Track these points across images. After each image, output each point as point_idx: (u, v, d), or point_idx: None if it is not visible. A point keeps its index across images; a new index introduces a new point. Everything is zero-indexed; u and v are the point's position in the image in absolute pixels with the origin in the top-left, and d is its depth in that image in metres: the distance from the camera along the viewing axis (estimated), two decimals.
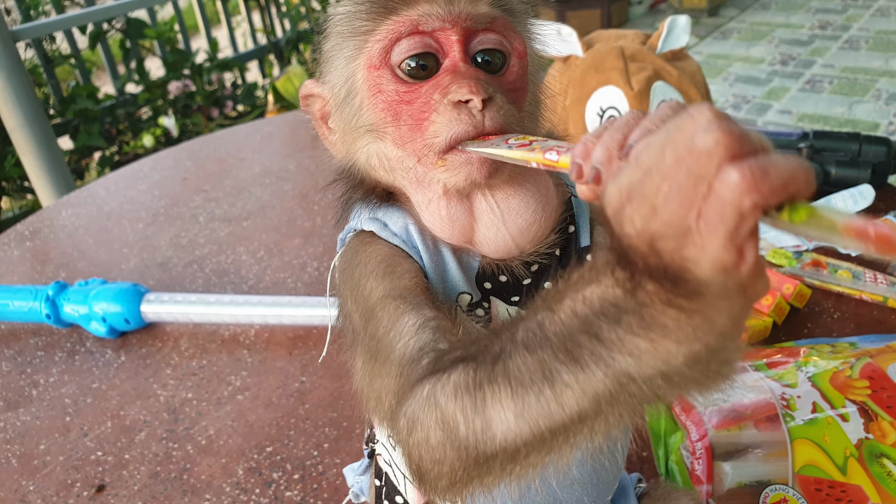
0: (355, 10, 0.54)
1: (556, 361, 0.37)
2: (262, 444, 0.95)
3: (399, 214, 0.56)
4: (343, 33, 0.55)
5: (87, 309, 1.15)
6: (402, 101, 0.52)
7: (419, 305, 0.50)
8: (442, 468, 0.42)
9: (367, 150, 0.55)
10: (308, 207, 1.49)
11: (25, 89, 2.41)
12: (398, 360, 0.46)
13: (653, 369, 0.35)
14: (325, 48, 0.58)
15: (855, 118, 3.58)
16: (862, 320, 1.04)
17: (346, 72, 0.55)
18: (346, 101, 0.55)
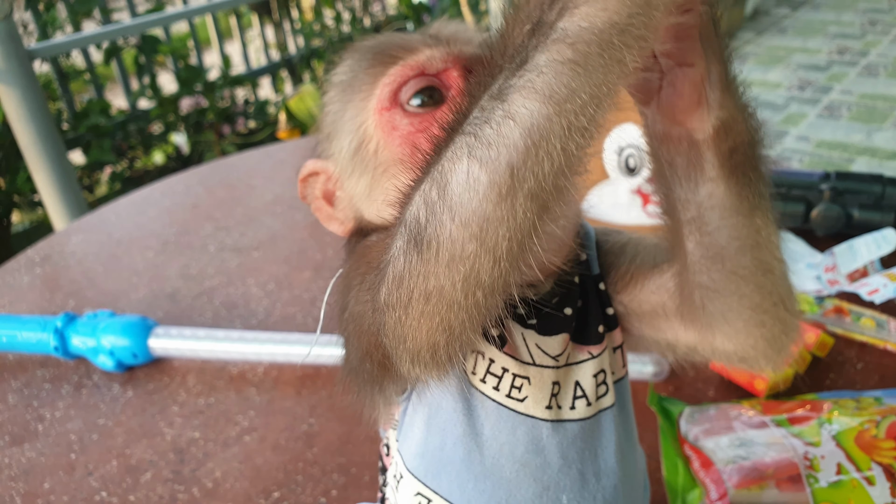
0: (356, 69, 0.56)
1: (503, 79, 0.35)
2: (269, 489, 0.93)
3: None
4: (344, 96, 0.57)
5: (96, 342, 1.14)
6: (418, 130, 0.53)
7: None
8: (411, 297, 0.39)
9: (384, 192, 0.54)
10: (319, 238, 1.48)
11: (40, 108, 2.42)
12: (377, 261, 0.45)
13: (591, 19, 0.33)
14: (326, 123, 0.59)
15: (874, 146, 3.55)
16: (886, 372, 1.02)
17: (355, 125, 0.56)
18: (359, 151, 0.56)
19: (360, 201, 0.57)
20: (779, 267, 0.50)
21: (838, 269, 1.16)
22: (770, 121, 3.92)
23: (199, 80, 3.54)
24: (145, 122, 3.49)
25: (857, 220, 1.24)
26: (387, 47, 0.56)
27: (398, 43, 0.56)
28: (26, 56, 2.40)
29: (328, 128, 0.59)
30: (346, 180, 0.58)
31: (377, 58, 0.55)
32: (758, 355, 0.53)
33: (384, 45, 0.56)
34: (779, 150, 3.61)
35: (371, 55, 0.56)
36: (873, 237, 1.17)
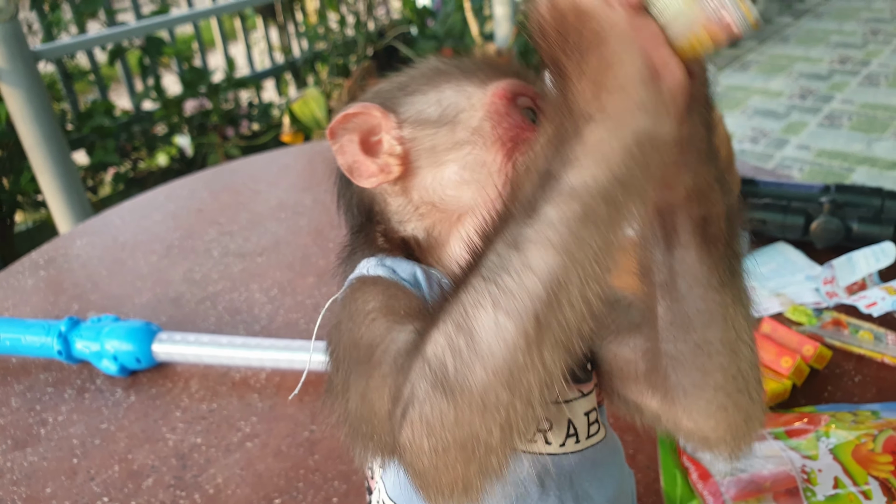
0: (468, 63, 0.59)
1: (517, 228, 0.37)
2: (271, 496, 0.94)
3: (407, 264, 0.55)
4: (448, 74, 0.59)
5: (99, 346, 1.15)
6: (527, 127, 0.54)
7: (419, 314, 0.47)
8: (447, 446, 0.38)
9: (459, 159, 0.55)
10: (323, 244, 1.49)
11: (44, 109, 2.42)
12: (392, 359, 0.43)
13: (597, 177, 0.36)
14: (405, 84, 0.60)
15: (874, 155, 3.56)
16: (884, 385, 1.02)
17: (460, 93, 0.57)
18: (451, 117, 0.56)
19: (424, 163, 0.57)
20: (746, 350, 0.50)
21: (837, 281, 1.17)
22: (771, 129, 3.93)
23: (203, 83, 3.55)
24: (149, 123, 3.50)
25: (856, 232, 1.24)
26: (502, 65, 0.59)
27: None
28: (31, 57, 2.42)
29: (409, 90, 0.59)
30: (417, 139, 0.57)
31: (492, 67, 0.58)
32: (718, 439, 0.53)
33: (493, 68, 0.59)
34: (779, 158, 3.62)
35: (483, 64, 0.59)
36: (872, 250, 1.18)
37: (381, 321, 0.47)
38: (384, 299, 0.50)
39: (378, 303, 0.49)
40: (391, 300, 0.49)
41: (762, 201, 1.31)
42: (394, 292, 0.51)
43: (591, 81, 0.36)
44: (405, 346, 0.43)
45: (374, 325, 0.47)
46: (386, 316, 0.47)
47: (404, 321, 0.46)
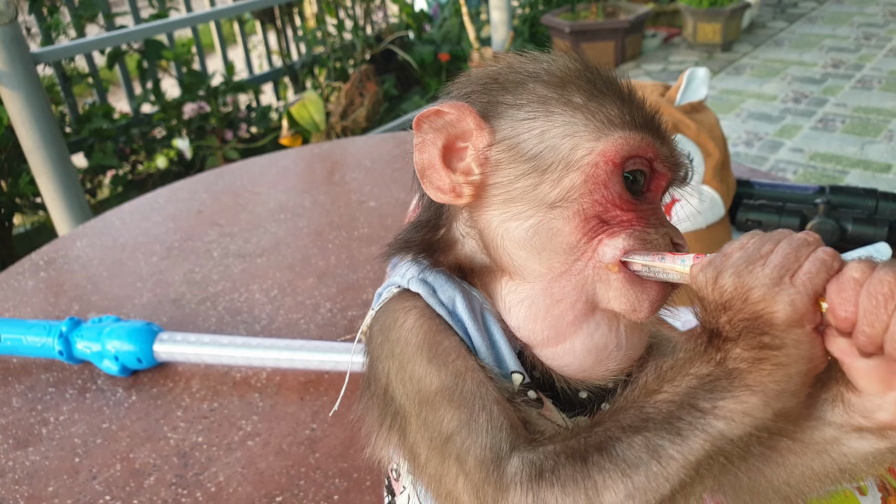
0: (595, 97, 0.54)
1: (660, 438, 0.43)
2: (272, 494, 0.95)
3: (450, 286, 0.55)
4: (570, 104, 0.53)
5: (100, 346, 1.15)
6: (621, 206, 0.52)
7: (485, 396, 0.49)
8: None
9: (529, 220, 0.53)
10: (322, 246, 1.49)
11: (44, 112, 2.43)
12: (477, 463, 0.47)
13: (744, 427, 0.42)
14: (512, 95, 0.54)
15: (867, 159, 3.58)
16: None
17: (565, 143, 0.52)
18: (544, 163, 0.52)
19: (495, 203, 0.54)
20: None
21: None
22: (765, 133, 3.95)
23: (202, 86, 3.56)
24: (148, 126, 3.51)
25: (851, 234, 1.26)
26: (627, 102, 0.54)
27: (639, 106, 0.55)
28: (30, 60, 2.42)
29: (514, 104, 0.54)
30: (502, 171, 0.54)
31: (619, 101, 0.54)
32: None
33: (620, 91, 0.55)
34: (773, 161, 3.64)
35: (606, 93, 0.54)
36: (867, 251, 1.19)
37: (453, 410, 0.49)
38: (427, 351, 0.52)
39: (439, 381, 0.50)
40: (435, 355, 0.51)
41: (757, 202, 1.32)
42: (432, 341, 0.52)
43: (755, 357, 0.42)
44: (491, 456, 0.47)
45: (443, 411, 0.49)
46: (458, 408, 0.49)
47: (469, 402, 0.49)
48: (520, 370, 0.54)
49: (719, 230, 1.25)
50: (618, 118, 0.52)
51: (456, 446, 0.48)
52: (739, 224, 1.32)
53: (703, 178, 1.23)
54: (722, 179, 1.25)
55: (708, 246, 1.22)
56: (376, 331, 0.55)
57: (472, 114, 0.54)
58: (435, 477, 0.50)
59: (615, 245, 0.51)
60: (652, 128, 0.54)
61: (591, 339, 0.54)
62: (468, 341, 0.53)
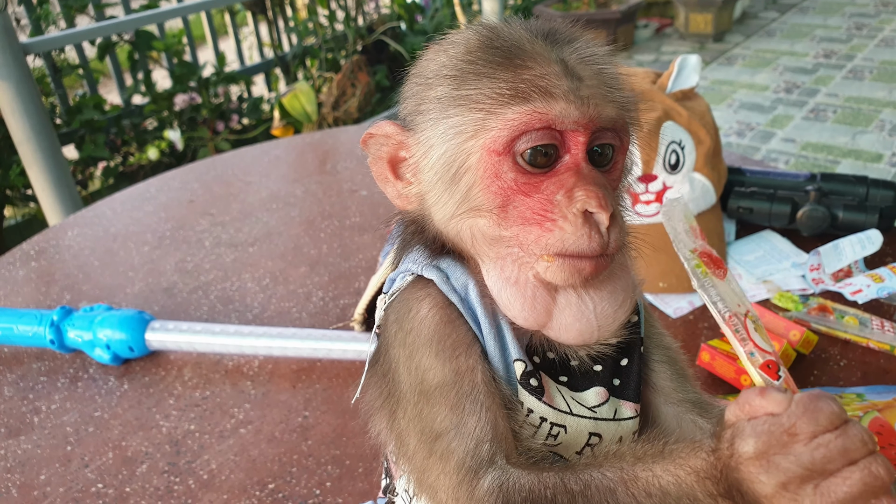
0: (475, 72, 0.52)
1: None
2: (265, 481, 0.95)
3: (461, 271, 0.56)
4: (458, 99, 0.52)
5: (92, 335, 1.15)
6: (520, 191, 0.52)
7: (477, 401, 0.52)
8: None
9: (460, 220, 0.54)
10: (314, 235, 1.49)
11: (34, 103, 2.42)
12: (457, 466, 0.51)
13: None
14: (424, 99, 0.55)
15: (858, 148, 3.59)
16: (868, 369, 1.04)
17: (457, 146, 0.53)
18: (451, 176, 0.53)
19: (434, 208, 0.56)
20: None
21: (823, 268, 1.19)
22: (757, 123, 3.96)
23: (193, 77, 3.54)
24: (139, 117, 3.49)
25: (842, 220, 1.26)
26: (517, 66, 0.51)
27: (531, 66, 0.51)
28: (20, 50, 2.40)
29: (426, 107, 0.54)
30: (425, 179, 0.55)
31: (504, 76, 0.51)
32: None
33: (514, 60, 0.51)
34: (765, 151, 3.65)
35: (497, 66, 0.51)
36: (858, 237, 1.20)
37: (447, 410, 0.52)
38: (437, 343, 0.54)
39: (441, 376, 0.53)
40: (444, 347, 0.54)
41: (749, 190, 1.32)
42: (444, 332, 0.54)
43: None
44: (472, 463, 0.50)
45: (438, 408, 0.53)
46: (451, 409, 0.52)
47: (465, 403, 0.52)
48: (522, 358, 0.55)
49: (710, 218, 1.25)
50: (500, 95, 0.51)
51: (443, 445, 0.52)
52: (731, 211, 1.33)
53: (695, 166, 1.23)
54: (713, 167, 1.25)
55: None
56: (392, 319, 0.58)
57: (395, 130, 0.56)
58: (420, 468, 0.53)
59: (551, 247, 0.52)
60: (542, 88, 0.50)
61: (569, 311, 0.54)
62: (477, 330, 0.55)
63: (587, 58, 0.53)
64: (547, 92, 0.50)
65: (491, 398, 0.53)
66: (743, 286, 1.21)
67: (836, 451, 0.40)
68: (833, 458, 0.40)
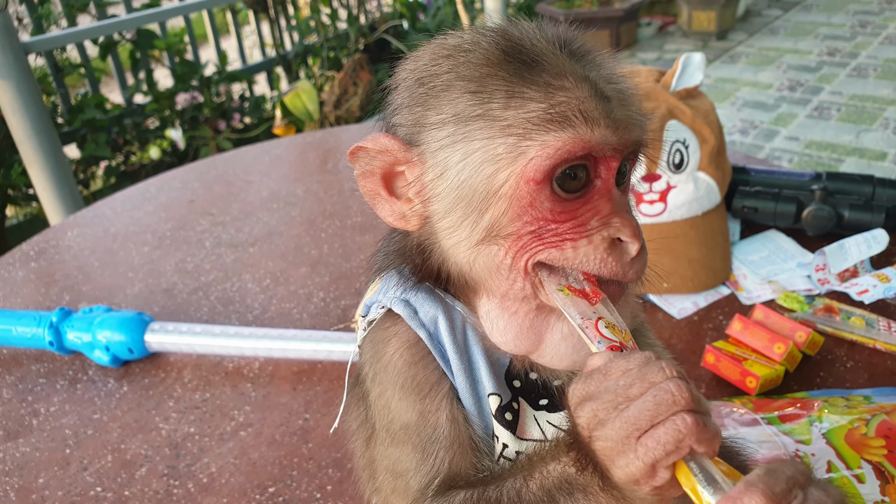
0: (511, 101, 0.48)
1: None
2: (265, 484, 0.94)
3: (431, 304, 0.55)
4: (484, 118, 0.48)
5: (91, 337, 1.14)
6: (555, 219, 0.49)
7: (437, 442, 0.54)
8: None
9: (478, 248, 0.51)
10: (315, 235, 1.48)
11: (35, 102, 2.41)
12: (413, 499, 0.54)
13: None
14: (433, 111, 0.50)
15: (862, 146, 3.57)
16: (875, 370, 1.03)
17: (486, 172, 0.49)
18: (476, 203, 0.50)
19: (446, 233, 0.52)
20: None
21: (829, 268, 1.18)
22: (760, 121, 3.94)
23: (194, 76, 3.53)
24: (141, 117, 3.49)
25: (847, 220, 1.25)
26: (549, 85, 0.48)
27: (563, 86, 0.48)
28: (21, 49, 2.40)
29: (435, 125, 0.50)
30: (438, 203, 0.51)
31: (537, 96, 0.48)
32: None
33: (543, 77, 0.48)
34: (768, 150, 3.63)
35: (527, 84, 0.48)
36: (864, 237, 1.19)
37: (410, 451, 0.55)
38: (404, 382, 0.56)
39: (406, 418, 0.55)
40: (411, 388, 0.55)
41: (753, 189, 1.31)
42: (412, 372, 0.56)
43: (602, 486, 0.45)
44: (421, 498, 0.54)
45: (402, 448, 0.56)
46: (418, 448, 0.55)
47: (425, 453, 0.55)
48: (497, 392, 0.55)
49: (715, 217, 1.24)
50: (537, 119, 0.47)
51: (403, 483, 0.56)
52: (735, 211, 1.31)
53: (699, 165, 1.22)
54: (718, 166, 1.24)
55: (704, 233, 1.21)
56: (368, 353, 0.59)
57: (396, 146, 0.51)
58: (386, 496, 0.58)
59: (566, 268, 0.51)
60: (583, 113, 0.48)
61: (567, 342, 0.53)
62: (446, 366, 0.55)
63: (608, 76, 0.51)
64: (588, 117, 0.47)
65: (452, 437, 0.54)
66: (748, 286, 1.20)
67: (658, 401, 0.41)
68: (655, 408, 0.41)
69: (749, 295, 1.18)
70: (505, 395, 0.55)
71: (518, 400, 0.56)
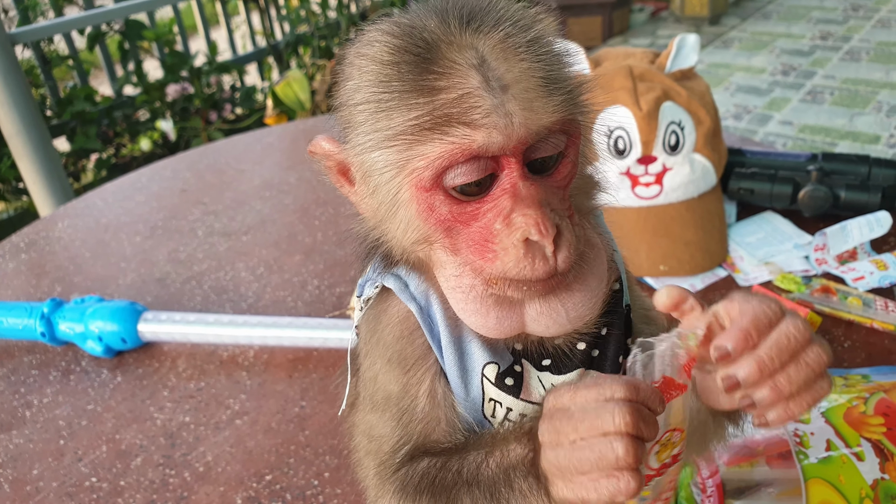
0: (396, 112, 0.47)
1: (484, 500, 0.50)
2: (262, 472, 0.93)
3: (419, 280, 0.56)
4: (378, 130, 0.48)
5: (83, 327, 1.13)
6: (458, 220, 0.49)
7: (413, 414, 0.56)
8: None
9: (413, 246, 0.53)
10: (309, 222, 1.47)
11: (23, 94, 2.39)
12: (379, 464, 0.58)
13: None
14: (350, 117, 0.50)
15: (856, 130, 3.57)
16: (873, 350, 1.02)
17: (388, 180, 0.49)
18: (390, 206, 0.51)
19: (386, 227, 0.53)
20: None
21: (828, 249, 1.17)
22: (754, 106, 3.93)
23: (185, 67, 3.50)
24: (131, 108, 3.46)
25: (844, 200, 1.24)
26: (432, 86, 0.46)
27: (446, 82, 0.46)
28: (8, 41, 2.37)
29: (353, 130, 0.50)
30: (372, 202, 0.53)
31: (419, 101, 0.46)
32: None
33: (427, 76, 0.46)
34: (762, 134, 3.62)
35: (412, 86, 0.46)
36: (867, 219, 1.17)
37: (388, 419, 0.57)
38: (393, 355, 0.57)
39: (388, 389, 0.58)
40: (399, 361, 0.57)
41: (750, 171, 1.30)
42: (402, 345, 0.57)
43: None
44: (390, 462, 0.57)
45: (380, 416, 0.58)
46: (395, 417, 0.57)
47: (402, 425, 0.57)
48: (493, 360, 0.55)
49: (711, 199, 1.23)
50: (418, 127, 0.46)
51: (375, 446, 0.58)
52: (731, 193, 1.31)
53: (695, 147, 1.21)
54: (713, 148, 1.23)
55: (700, 215, 1.21)
56: (363, 330, 0.61)
57: (333, 149, 0.53)
58: (360, 457, 0.61)
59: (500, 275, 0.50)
60: (465, 115, 0.45)
61: (541, 317, 0.53)
62: (434, 341, 0.55)
63: (515, 47, 0.46)
64: (466, 119, 0.45)
65: (427, 411, 0.56)
66: (745, 268, 1.19)
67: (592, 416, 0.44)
68: (588, 421, 0.44)
69: (746, 277, 1.17)
70: (504, 360, 0.55)
71: (521, 362, 0.55)
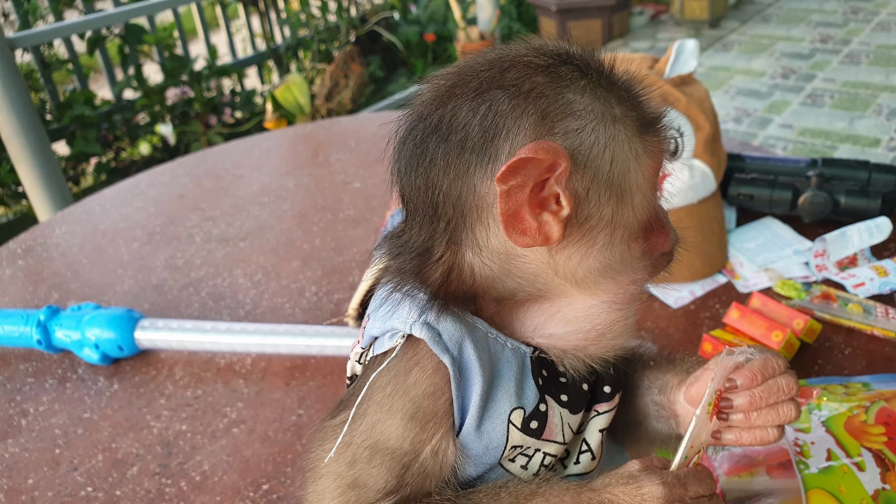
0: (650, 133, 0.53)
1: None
2: (259, 482, 0.93)
3: (455, 326, 0.52)
4: (616, 117, 0.50)
5: (80, 335, 1.12)
6: (653, 212, 0.55)
7: (406, 476, 0.52)
8: None
9: (602, 249, 0.52)
10: (307, 228, 1.47)
11: (22, 99, 2.38)
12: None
13: None
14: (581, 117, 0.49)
15: (856, 133, 3.57)
16: (874, 357, 1.02)
17: (629, 164, 0.50)
18: (616, 181, 0.50)
19: (568, 240, 0.51)
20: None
21: (828, 255, 1.17)
22: (754, 109, 3.93)
23: (185, 71, 3.50)
24: (131, 112, 3.46)
25: (844, 206, 1.24)
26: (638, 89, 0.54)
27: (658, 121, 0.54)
28: (7, 45, 2.37)
29: (578, 125, 0.49)
30: (582, 196, 0.50)
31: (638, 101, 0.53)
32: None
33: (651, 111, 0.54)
34: (762, 138, 3.62)
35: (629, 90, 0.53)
36: (867, 225, 1.17)
37: (385, 471, 0.52)
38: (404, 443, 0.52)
39: (399, 443, 0.52)
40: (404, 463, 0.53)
41: (749, 176, 1.30)
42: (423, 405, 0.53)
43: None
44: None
45: (381, 468, 0.52)
46: (391, 470, 0.52)
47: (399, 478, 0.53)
48: (520, 405, 0.54)
49: (711, 205, 1.23)
50: (645, 121, 0.52)
51: (356, 494, 0.52)
52: (731, 198, 1.30)
53: (694, 152, 1.20)
54: (713, 153, 1.22)
55: (699, 221, 1.20)
56: (386, 381, 0.53)
57: (563, 153, 0.47)
58: (334, 487, 0.53)
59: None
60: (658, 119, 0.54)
61: (623, 324, 0.57)
62: (458, 397, 0.52)
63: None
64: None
65: (427, 467, 0.53)
66: (744, 274, 1.19)
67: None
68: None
69: (746, 283, 1.17)
70: (530, 402, 0.54)
71: (546, 400, 0.55)
